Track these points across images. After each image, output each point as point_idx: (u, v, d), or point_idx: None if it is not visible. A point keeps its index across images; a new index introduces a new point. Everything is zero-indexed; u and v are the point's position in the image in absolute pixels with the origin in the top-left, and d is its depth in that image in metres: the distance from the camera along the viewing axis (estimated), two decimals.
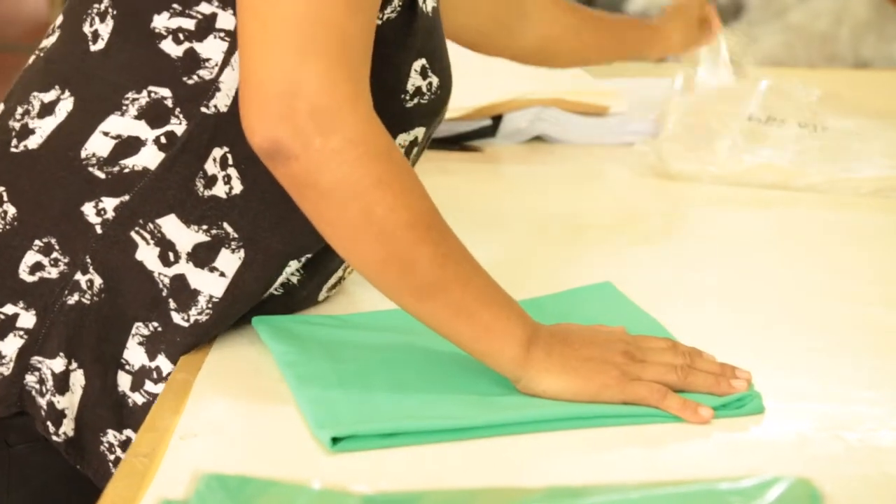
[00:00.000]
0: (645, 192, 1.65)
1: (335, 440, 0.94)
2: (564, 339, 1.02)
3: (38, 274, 1.06)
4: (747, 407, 1.00)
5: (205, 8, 1.05)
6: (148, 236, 1.06)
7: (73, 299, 1.06)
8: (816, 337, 1.17)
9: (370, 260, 0.98)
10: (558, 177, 1.71)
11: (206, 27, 1.05)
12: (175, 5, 1.06)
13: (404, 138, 1.13)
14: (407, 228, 0.96)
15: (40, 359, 1.07)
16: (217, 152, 1.06)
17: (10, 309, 1.07)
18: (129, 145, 1.06)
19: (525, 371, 1.00)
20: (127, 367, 1.07)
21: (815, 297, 1.28)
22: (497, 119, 1.81)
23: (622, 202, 1.63)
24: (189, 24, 1.05)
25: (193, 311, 1.07)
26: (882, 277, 1.35)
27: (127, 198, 1.06)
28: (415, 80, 1.11)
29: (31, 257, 1.06)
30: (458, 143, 1.78)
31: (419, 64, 1.10)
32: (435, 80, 1.13)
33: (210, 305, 1.07)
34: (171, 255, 1.06)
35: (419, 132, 1.14)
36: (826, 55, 2.78)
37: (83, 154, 1.06)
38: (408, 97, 1.11)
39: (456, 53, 2.02)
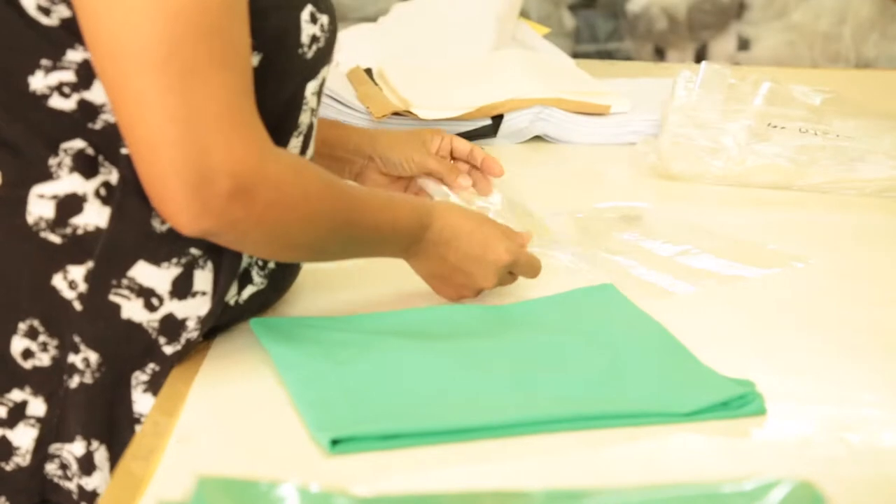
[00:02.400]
0: (646, 193, 1.65)
1: (334, 442, 0.93)
2: (443, 251, 1.16)
3: (31, 361, 1.04)
4: (749, 408, 1.00)
5: (73, 55, 1.01)
6: (126, 292, 1.04)
7: (74, 382, 1.04)
8: (819, 338, 1.17)
9: (298, 254, 1.12)
10: (558, 177, 1.70)
11: (87, 74, 1.02)
12: (43, 61, 1.02)
13: (314, 85, 1.11)
14: (329, 232, 1.07)
15: (59, 445, 1.05)
16: None
17: (17, 395, 1.05)
18: (71, 203, 1.04)
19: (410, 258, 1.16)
20: (142, 420, 1.06)
21: (819, 298, 1.28)
22: (497, 119, 1.80)
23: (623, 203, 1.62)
24: (68, 76, 1.02)
25: (184, 335, 1.06)
26: (886, 278, 1.35)
27: (92, 264, 1.04)
28: (308, 30, 1.07)
29: (18, 343, 1.04)
30: None
31: (307, 13, 1.07)
32: (325, 19, 1.09)
33: (198, 323, 1.07)
34: (154, 300, 1.05)
35: (325, 72, 1.13)
36: (828, 55, 2.78)
37: (30, 220, 1.04)
38: (306, 49, 1.08)
39: (457, 54, 2.02)
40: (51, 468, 1.06)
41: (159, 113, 0.94)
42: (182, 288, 1.06)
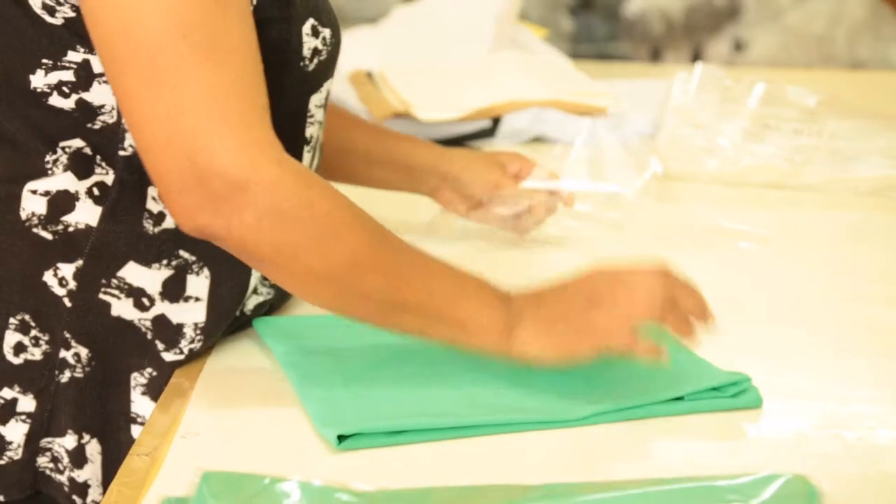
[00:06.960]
0: (644, 192, 1.65)
1: (341, 438, 0.94)
2: (537, 303, 1.00)
3: (23, 356, 1.05)
4: (744, 399, 1.00)
5: (74, 56, 1.02)
6: (116, 291, 1.05)
7: (65, 377, 1.05)
8: (815, 335, 1.18)
9: (327, 301, 0.99)
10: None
11: (86, 75, 1.02)
12: (44, 61, 1.02)
13: (319, 98, 1.11)
14: (349, 268, 0.96)
15: (50, 439, 1.06)
16: (153, 190, 1.04)
17: (7, 393, 1.05)
18: (63, 200, 1.04)
19: (510, 349, 0.99)
20: (139, 420, 1.06)
21: (814, 295, 1.28)
22: (496, 120, 1.81)
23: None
24: (68, 75, 1.02)
25: (184, 343, 1.07)
26: (881, 276, 1.35)
27: (81, 262, 1.04)
28: (309, 43, 1.06)
29: (11, 337, 1.05)
30: (458, 144, 1.78)
31: (308, 26, 1.06)
32: (327, 32, 1.08)
33: (198, 332, 1.07)
34: (144, 300, 1.05)
35: (328, 86, 1.12)
36: (822, 56, 2.79)
37: (23, 216, 1.04)
38: (307, 62, 1.07)
39: (457, 56, 2.03)
40: (42, 461, 1.06)
41: (149, 113, 0.94)
42: (173, 290, 1.06)
